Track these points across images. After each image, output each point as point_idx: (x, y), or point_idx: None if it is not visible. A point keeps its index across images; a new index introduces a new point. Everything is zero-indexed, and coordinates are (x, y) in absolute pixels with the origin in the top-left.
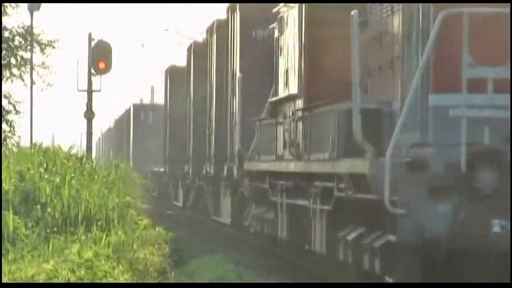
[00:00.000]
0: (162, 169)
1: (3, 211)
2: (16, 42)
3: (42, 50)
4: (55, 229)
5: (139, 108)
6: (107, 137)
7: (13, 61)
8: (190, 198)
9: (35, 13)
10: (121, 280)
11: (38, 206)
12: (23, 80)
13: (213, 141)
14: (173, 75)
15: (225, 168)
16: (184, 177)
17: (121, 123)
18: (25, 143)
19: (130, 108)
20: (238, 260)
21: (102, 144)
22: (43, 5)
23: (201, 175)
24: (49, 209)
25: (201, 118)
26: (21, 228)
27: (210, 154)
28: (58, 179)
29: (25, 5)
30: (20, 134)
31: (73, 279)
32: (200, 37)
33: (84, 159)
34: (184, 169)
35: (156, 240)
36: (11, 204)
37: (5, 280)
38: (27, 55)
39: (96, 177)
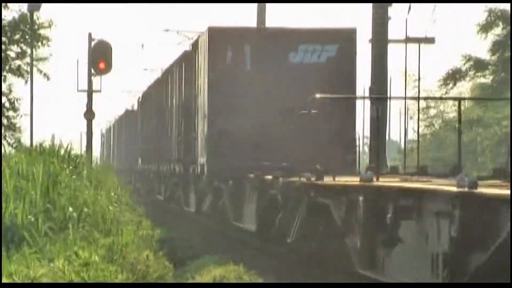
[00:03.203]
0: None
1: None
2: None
3: (40, 41)
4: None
5: (220, 37)
6: (120, 128)
7: (12, 54)
8: None
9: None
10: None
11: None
12: (25, 72)
13: None
14: None
15: None
16: None
17: (162, 85)
18: (25, 142)
19: (198, 40)
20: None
21: (112, 138)
22: (43, 5)
23: None
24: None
25: None
26: (36, 223)
27: None
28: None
29: (26, 5)
30: (20, 133)
31: (77, 280)
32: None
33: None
34: None
35: None
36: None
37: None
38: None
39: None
